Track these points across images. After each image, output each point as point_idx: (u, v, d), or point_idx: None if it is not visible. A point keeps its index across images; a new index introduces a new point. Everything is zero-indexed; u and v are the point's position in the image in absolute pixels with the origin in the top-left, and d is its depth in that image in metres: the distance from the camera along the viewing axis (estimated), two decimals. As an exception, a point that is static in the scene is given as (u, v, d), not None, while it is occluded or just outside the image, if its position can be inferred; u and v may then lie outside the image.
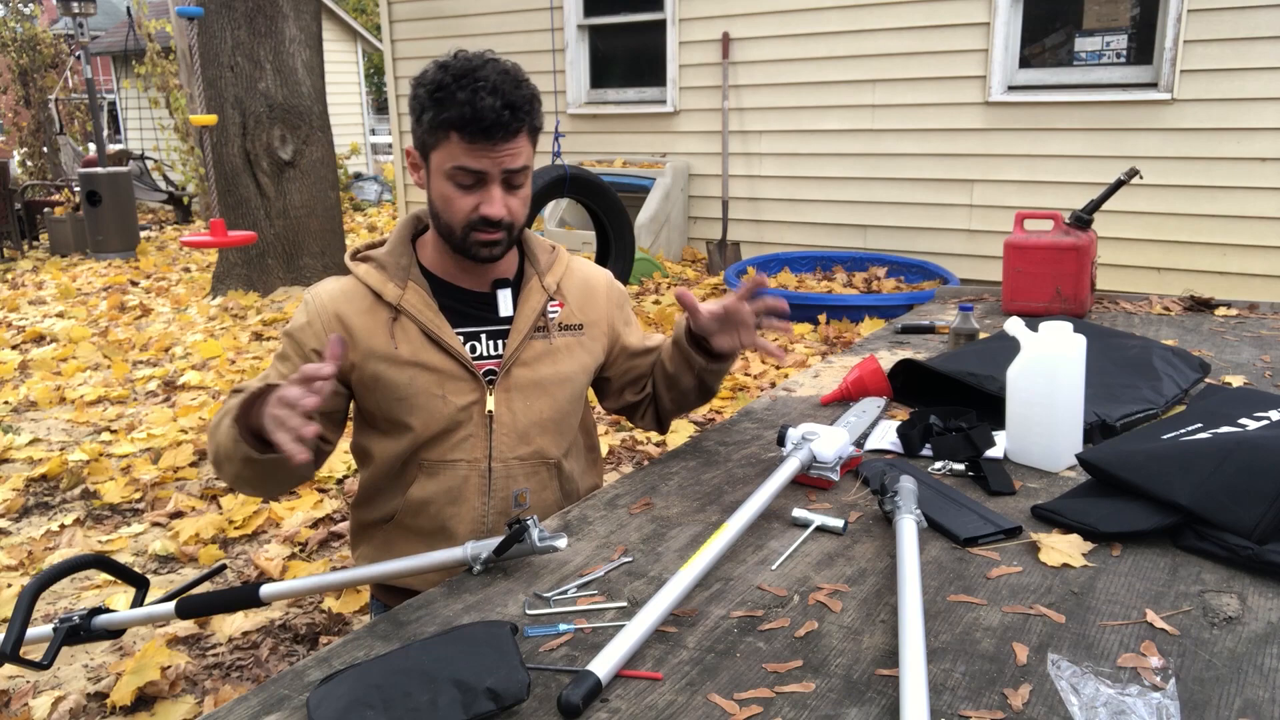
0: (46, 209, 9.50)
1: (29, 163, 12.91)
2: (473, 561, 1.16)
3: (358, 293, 1.43)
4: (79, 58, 10.26)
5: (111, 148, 10.83)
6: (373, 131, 17.27)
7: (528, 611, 1.07)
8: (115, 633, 1.47)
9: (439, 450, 1.43)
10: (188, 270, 7.86)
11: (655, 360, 1.60)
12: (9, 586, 2.72)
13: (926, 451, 1.49)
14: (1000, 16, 5.40)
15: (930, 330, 2.28)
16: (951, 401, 1.64)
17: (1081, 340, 1.39)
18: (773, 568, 1.15)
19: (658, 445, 3.60)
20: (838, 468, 1.38)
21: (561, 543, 1.15)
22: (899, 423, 1.56)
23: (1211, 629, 0.99)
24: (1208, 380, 1.77)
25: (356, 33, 16.93)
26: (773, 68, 6.26)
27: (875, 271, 5.84)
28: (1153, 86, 5.08)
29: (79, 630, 1.43)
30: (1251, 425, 1.42)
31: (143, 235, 9.45)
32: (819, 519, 1.25)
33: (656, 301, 5.72)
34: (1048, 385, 1.39)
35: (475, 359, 1.43)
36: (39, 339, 5.70)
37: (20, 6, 15.47)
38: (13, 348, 5.48)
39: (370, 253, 1.48)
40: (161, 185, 11.70)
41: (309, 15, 6.44)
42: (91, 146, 12.18)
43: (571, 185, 5.66)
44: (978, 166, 5.66)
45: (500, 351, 1.44)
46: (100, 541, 3.03)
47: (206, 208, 9.85)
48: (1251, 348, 2.02)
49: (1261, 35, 4.75)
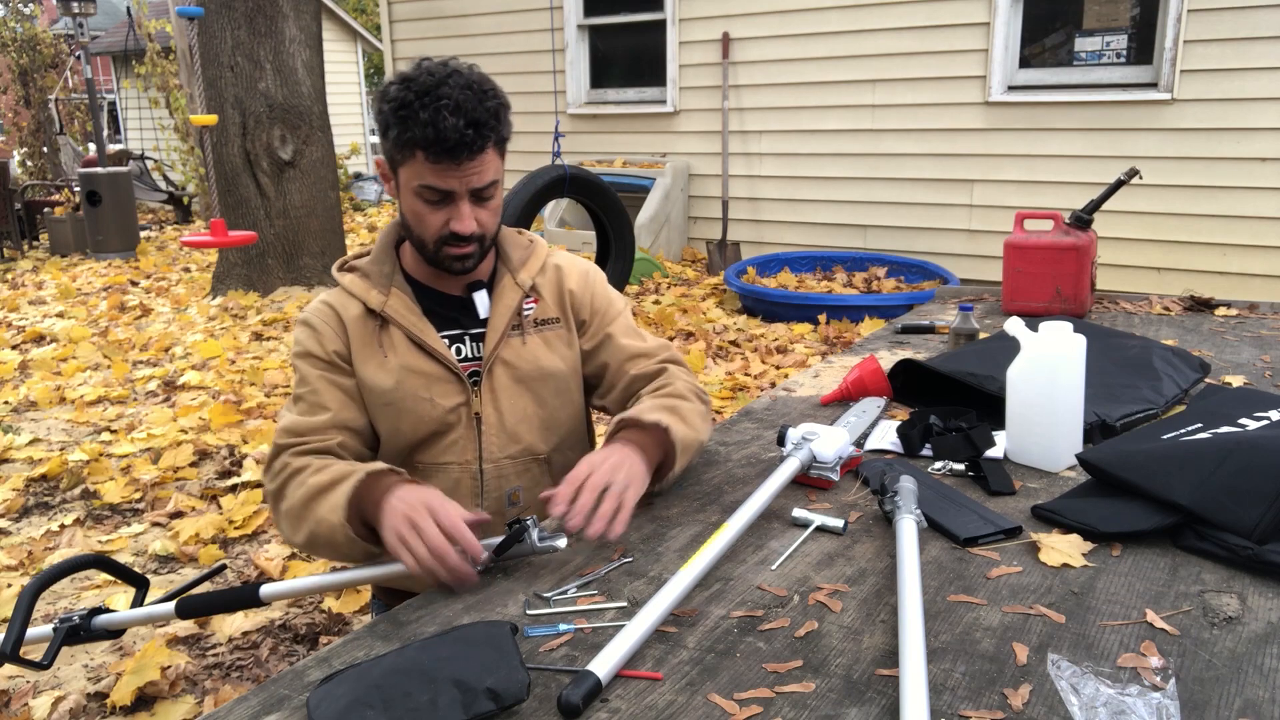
0: (46, 209, 9.50)
1: (29, 163, 12.91)
2: (473, 562, 1.16)
3: (349, 302, 1.44)
4: (79, 58, 10.27)
5: (111, 148, 10.83)
6: (373, 131, 17.23)
7: (528, 611, 1.07)
8: (115, 633, 1.47)
9: (430, 453, 1.44)
10: (188, 270, 7.86)
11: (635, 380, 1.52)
12: (9, 586, 2.72)
13: (926, 451, 1.49)
14: (1000, 16, 5.40)
15: (930, 330, 2.28)
16: (951, 401, 1.64)
17: (1081, 340, 1.39)
18: (773, 568, 1.15)
19: (658, 445, 3.60)
20: (838, 468, 1.38)
21: (561, 543, 1.15)
22: (899, 423, 1.56)
23: (1211, 629, 0.99)
24: (1208, 380, 1.77)
25: (356, 33, 16.93)
26: (773, 68, 6.26)
27: (875, 271, 5.84)
28: (1153, 86, 5.08)
29: (79, 630, 1.43)
30: (1251, 425, 1.42)
31: (143, 235, 9.45)
32: (819, 519, 1.25)
33: (656, 301, 5.72)
34: (1048, 385, 1.39)
35: (460, 361, 1.44)
36: (39, 339, 5.70)
37: (20, 6, 15.47)
38: (13, 348, 5.48)
39: (355, 262, 1.49)
40: (161, 185, 11.70)
41: (309, 15, 6.44)
42: (91, 146, 12.19)
43: (571, 185, 5.66)
44: (978, 166, 5.66)
45: (481, 354, 1.45)
46: (100, 541, 3.03)
47: (206, 208, 9.85)
48: (1251, 348, 2.02)
49: (1261, 35, 4.74)
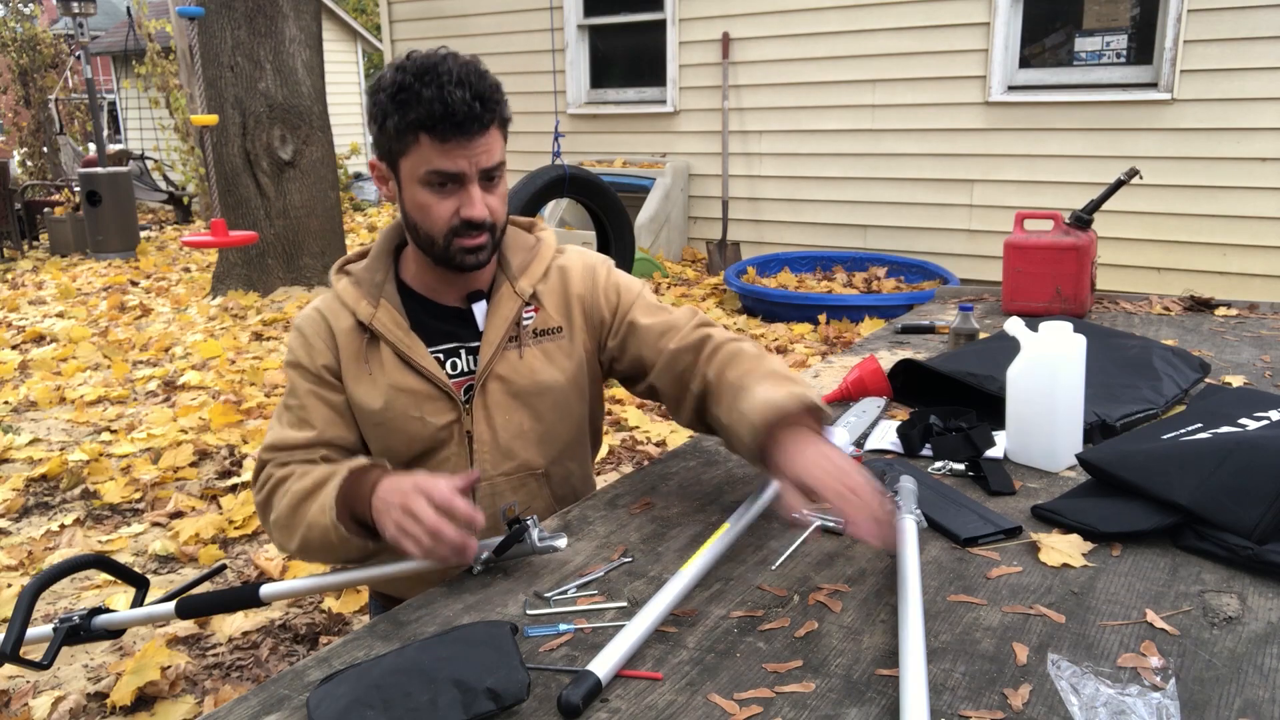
0: (46, 209, 9.50)
1: (29, 163, 12.91)
2: (472, 562, 1.16)
3: (340, 312, 1.38)
4: (79, 58, 10.27)
5: (111, 148, 10.83)
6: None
7: (528, 611, 1.07)
8: (115, 633, 1.47)
9: (422, 467, 1.38)
10: (188, 270, 7.86)
11: (691, 368, 1.37)
12: (9, 586, 2.72)
13: (926, 451, 1.49)
14: (1000, 16, 5.40)
15: (930, 330, 2.28)
16: (951, 401, 1.64)
17: (1081, 340, 1.39)
18: (773, 568, 1.15)
19: (658, 445, 3.60)
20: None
21: (561, 543, 1.15)
22: (899, 423, 1.56)
23: (1211, 629, 0.99)
24: (1208, 380, 1.77)
25: (356, 33, 16.93)
26: (773, 68, 6.26)
27: (875, 271, 5.84)
28: (1153, 86, 5.08)
29: (79, 630, 1.43)
30: (1251, 425, 1.42)
31: (143, 235, 9.45)
32: (819, 519, 1.25)
33: (656, 301, 5.72)
34: (1048, 385, 1.39)
35: (456, 376, 1.38)
36: (39, 339, 5.70)
37: (20, 6, 15.47)
38: (13, 348, 5.48)
39: (351, 266, 1.43)
40: (161, 185, 11.70)
41: (309, 15, 6.44)
42: (91, 146, 12.19)
43: (571, 185, 5.66)
44: (978, 166, 5.66)
45: (475, 369, 1.39)
46: (100, 541, 3.03)
47: (206, 208, 9.86)
48: (1251, 348, 2.02)
49: (1261, 35, 4.74)
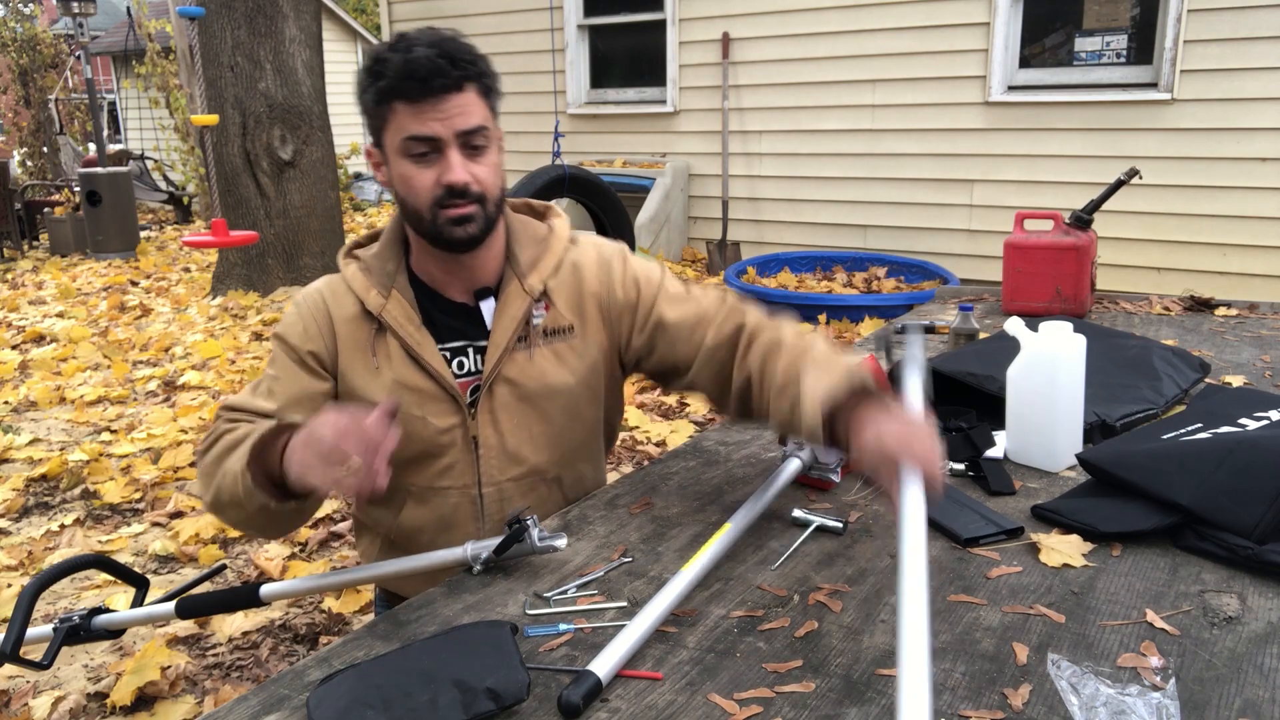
0: (46, 209, 9.50)
1: (29, 163, 12.91)
2: (473, 561, 1.16)
3: (346, 296, 1.34)
4: (79, 58, 10.26)
5: (111, 148, 10.83)
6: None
7: (528, 611, 1.07)
8: (115, 633, 1.47)
9: (425, 476, 1.35)
10: (188, 270, 7.86)
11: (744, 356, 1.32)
12: (9, 586, 2.72)
13: (926, 451, 1.49)
14: (1000, 16, 5.39)
15: (930, 330, 2.28)
16: (951, 401, 1.64)
17: (1081, 340, 1.39)
18: (773, 568, 1.15)
19: (658, 445, 3.60)
20: (839, 469, 1.38)
21: (561, 543, 1.15)
22: (899, 423, 1.56)
23: (1211, 629, 0.99)
24: (1208, 380, 1.77)
25: (356, 33, 16.93)
26: (773, 68, 6.26)
27: (875, 271, 5.84)
28: (1153, 86, 5.08)
29: (79, 630, 1.43)
30: (1251, 425, 1.42)
31: (143, 235, 9.45)
32: (819, 519, 1.25)
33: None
34: (1048, 385, 1.39)
35: (462, 375, 1.33)
36: (39, 339, 5.70)
37: (20, 6, 15.46)
38: (13, 348, 5.48)
39: (359, 251, 1.39)
40: (161, 185, 11.70)
41: (309, 15, 6.44)
42: (91, 146, 12.18)
43: (571, 185, 5.66)
44: (978, 166, 5.66)
45: (483, 369, 1.33)
46: (100, 541, 3.03)
47: (206, 208, 9.86)
48: (1251, 348, 2.02)
49: (1261, 35, 4.74)
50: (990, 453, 1.44)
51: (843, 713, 0.87)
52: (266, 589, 1.31)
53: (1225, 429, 1.40)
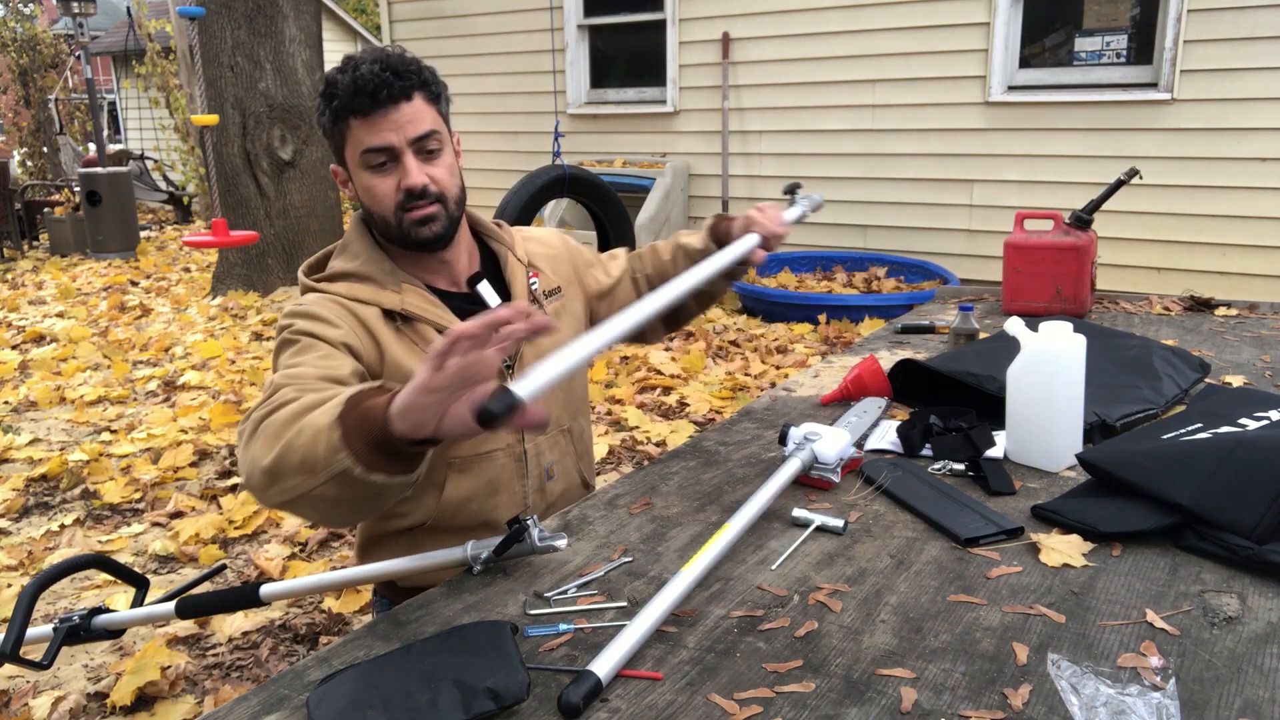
0: (46, 209, 9.51)
1: (29, 163, 12.91)
2: (473, 561, 1.16)
3: (360, 308, 1.33)
4: (79, 58, 10.27)
5: (111, 148, 10.83)
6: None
7: (528, 611, 1.07)
8: (115, 633, 1.47)
9: (470, 445, 1.39)
10: (188, 270, 7.86)
11: (647, 279, 1.64)
12: (9, 586, 2.72)
13: (926, 451, 1.49)
14: (1000, 16, 5.40)
15: (930, 330, 2.28)
16: (951, 401, 1.64)
17: (1081, 340, 1.39)
18: (773, 568, 1.15)
19: (658, 445, 3.60)
20: (839, 469, 1.38)
21: (561, 543, 1.15)
22: (899, 423, 1.56)
23: (1211, 629, 0.99)
24: (1208, 380, 1.77)
25: (356, 33, 16.94)
26: (773, 68, 6.26)
27: (875, 271, 5.84)
28: (1153, 86, 5.08)
29: (79, 630, 1.43)
30: (1251, 425, 1.42)
31: (143, 235, 9.45)
32: (819, 519, 1.25)
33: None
34: (1048, 385, 1.39)
35: None
36: (39, 339, 5.70)
37: (20, 6, 15.47)
38: (13, 348, 5.48)
39: (339, 267, 1.38)
40: (161, 185, 11.70)
41: (309, 15, 6.44)
42: (91, 146, 12.18)
43: (571, 185, 5.66)
44: (978, 166, 5.66)
45: None
46: (100, 541, 3.03)
47: (206, 208, 9.86)
48: (1251, 348, 2.02)
49: (1261, 35, 4.74)
50: (990, 453, 1.44)
51: (843, 713, 0.87)
52: (266, 589, 1.31)
53: (1225, 429, 1.40)
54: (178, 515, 3.19)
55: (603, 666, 0.91)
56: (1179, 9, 4.88)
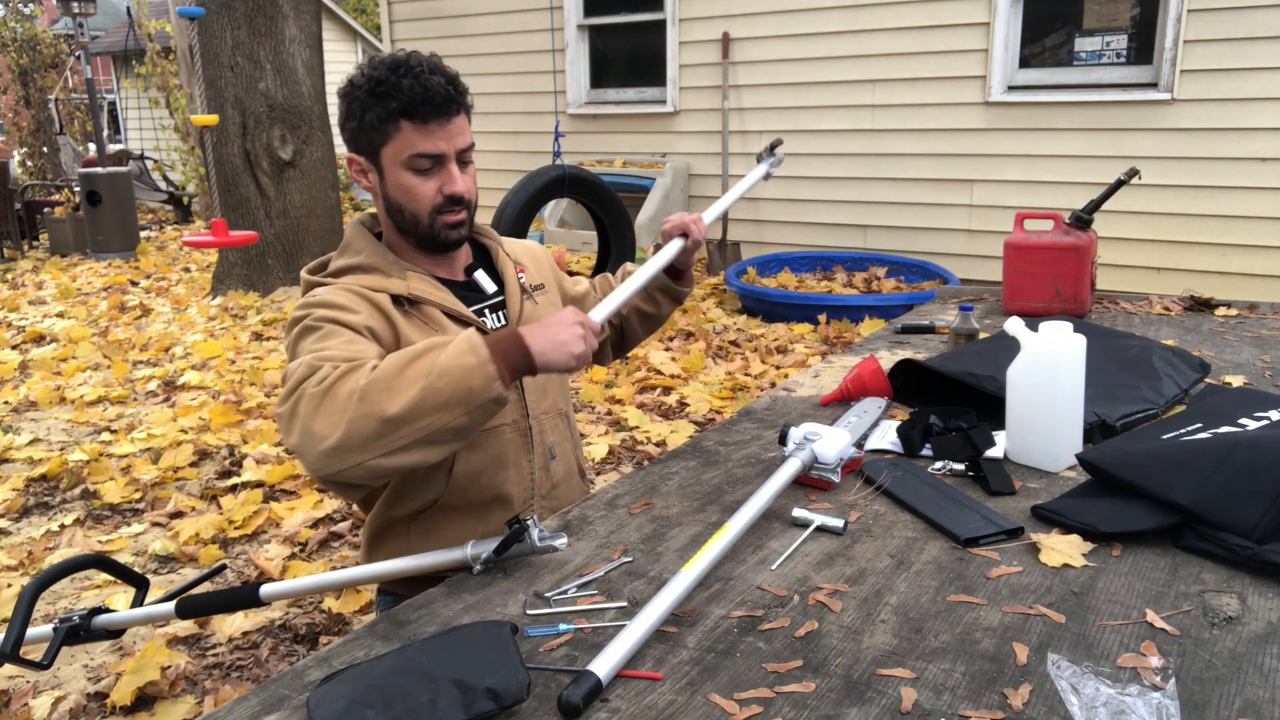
0: (46, 209, 9.50)
1: (29, 163, 12.91)
2: (473, 561, 1.16)
3: (374, 295, 1.37)
4: (79, 58, 10.27)
5: (111, 148, 10.83)
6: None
7: (528, 611, 1.07)
8: (115, 633, 1.47)
9: None
10: (188, 270, 7.86)
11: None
12: (9, 586, 2.72)
13: (926, 451, 1.49)
14: (1000, 16, 5.40)
15: (930, 330, 2.28)
16: (951, 401, 1.64)
17: (1081, 340, 1.39)
18: (773, 568, 1.15)
19: (658, 445, 3.60)
20: (839, 469, 1.38)
21: (561, 543, 1.15)
22: (899, 423, 1.56)
23: (1211, 629, 0.99)
24: (1208, 380, 1.77)
25: (356, 33, 16.94)
26: (773, 68, 6.26)
27: (875, 271, 5.84)
28: (1153, 86, 5.08)
29: (79, 630, 1.43)
30: (1251, 425, 1.42)
31: (143, 235, 9.45)
32: (819, 519, 1.25)
33: (656, 301, 5.71)
34: (1048, 385, 1.39)
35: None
36: (39, 339, 5.70)
37: (20, 6, 15.47)
38: (13, 348, 5.48)
39: (344, 262, 1.43)
40: (161, 185, 11.70)
41: (309, 15, 6.44)
42: (91, 146, 12.18)
43: (571, 185, 5.66)
44: (978, 166, 5.66)
45: (504, 323, 1.50)
46: (100, 541, 3.03)
47: (206, 208, 9.86)
48: (1251, 348, 2.02)
49: (1261, 35, 4.74)
50: (990, 453, 1.44)
51: (843, 713, 0.87)
52: (266, 589, 1.31)
53: (1225, 429, 1.40)
54: (178, 515, 3.19)
55: (603, 666, 0.91)
56: (1179, 9, 4.88)
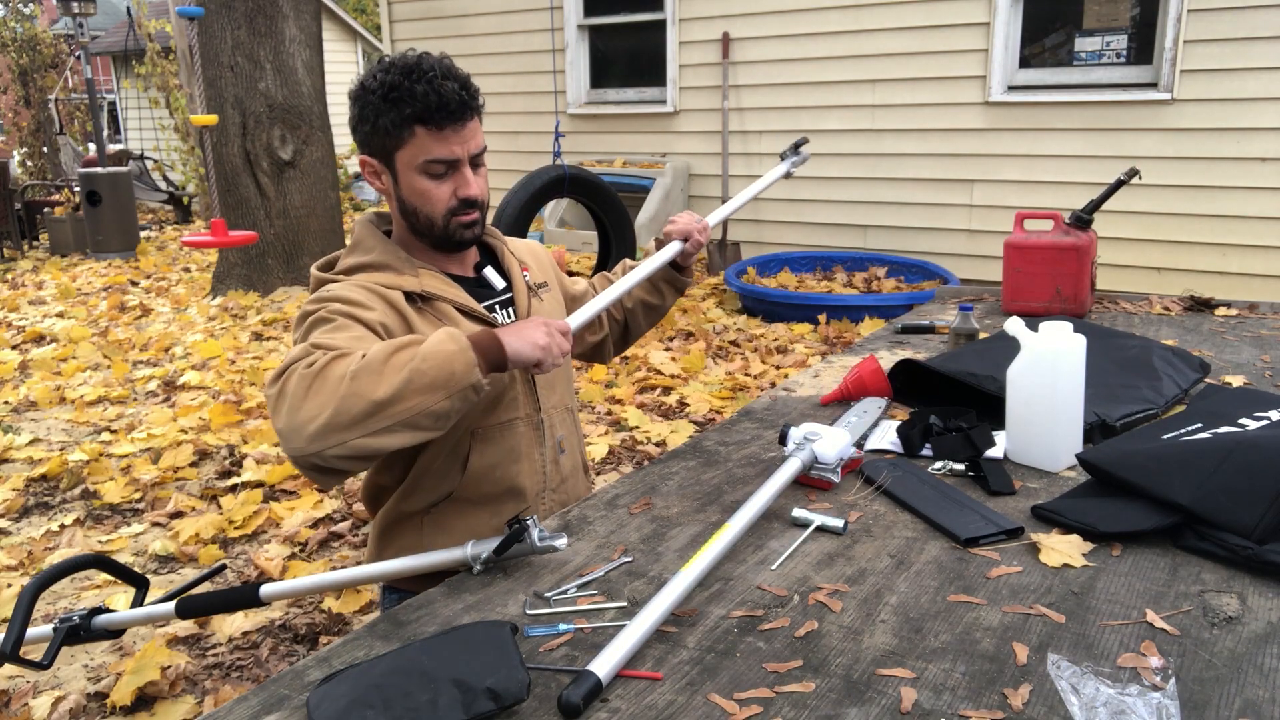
0: (46, 209, 9.50)
1: (29, 163, 12.90)
2: (473, 561, 1.16)
3: (387, 293, 1.37)
4: (79, 58, 10.27)
5: (111, 148, 10.83)
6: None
7: (528, 611, 1.07)
8: (115, 633, 1.47)
9: (493, 414, 1.46)
10: (188, 270, 7.86)
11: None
12: (9, 586, 2.72)
13: (926, 451, 1.49)
14: (1000, 16, 5.39)
15: (930, 330, 2.28)
16: (951, 401, 1.64)
17: (1081, 340, 1.39)
18: (773, 568, 1.15)
19: (658, 445, 3.60)
20: (839, 469, 1.38)
21: (561, 543, 1.15)
22: (899, 423, 1.56)
23: (1211, 629, 0.99)
24: (1208, 380, 1.77)
25: (356, 33, 16.94)
26: (773, 68, 6.26)
27: (875, 271, 5.84)
28: (1153, 86, 5.08)
29: (79, 630, 1.43)
30: (1251, 425, 1.42)
31: (143, 235, 9.45)
32: (819, 519, 1.25)
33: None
34: (1048, 385, 1.39)
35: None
36: (39, 339, 5.70)
37: (20, 6, 15.47)
38: (13, 348, 5.48)
39: (354, 263, 1.43)
40: (161, 185, 11.70)
41: (309, 15, 6.44)
42: (91, 146, 12.18)
43: (571, 185, 5.66)
44: (978, 166, 5.66)
45: (514, 318, 1.53)
46: (100, 541, 3.03)
47: (206, 208, 9.85)
48: (1251, 348, 2.02)
49: (1261, 35, 4.74)
50: (990, 453, 1.44)
51: (843, 713, 0.87)
52: (266, 589, 1.31)
53: (1225, 429, 1.40)
54: (178, 515, 3.19)
55: (603, 666, 0.91)
56: (1179, 9, 4.88)
